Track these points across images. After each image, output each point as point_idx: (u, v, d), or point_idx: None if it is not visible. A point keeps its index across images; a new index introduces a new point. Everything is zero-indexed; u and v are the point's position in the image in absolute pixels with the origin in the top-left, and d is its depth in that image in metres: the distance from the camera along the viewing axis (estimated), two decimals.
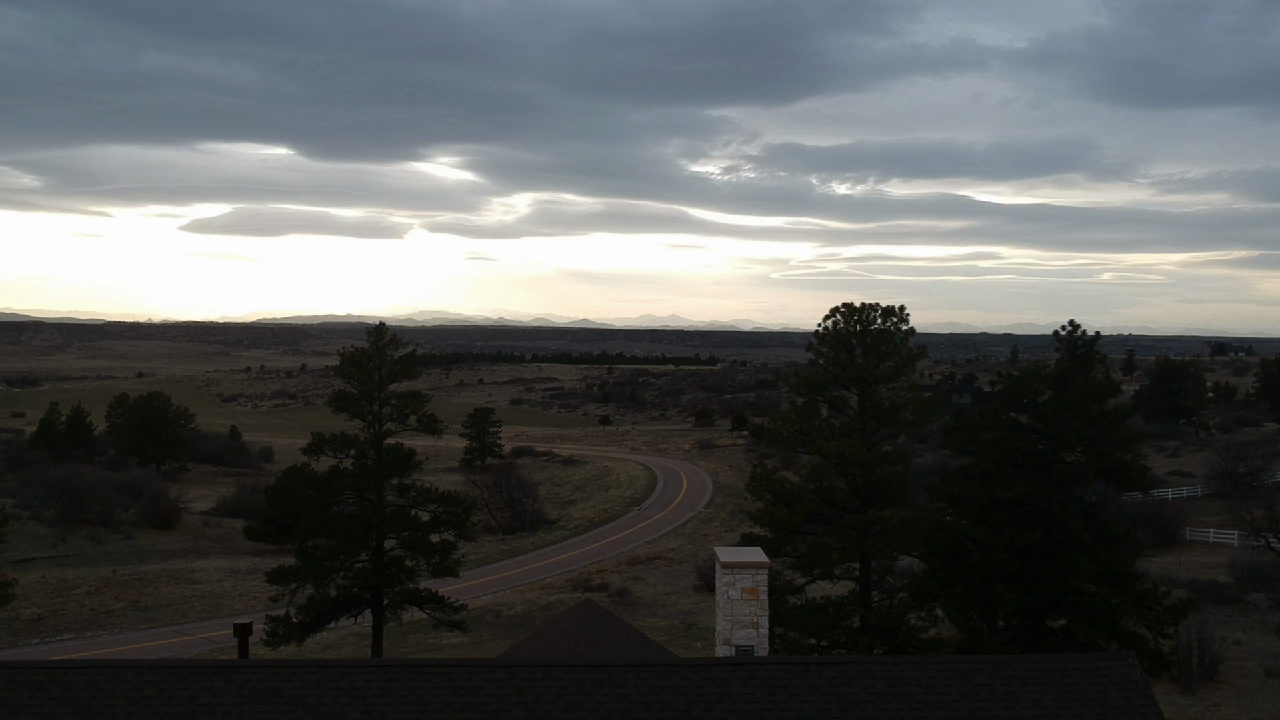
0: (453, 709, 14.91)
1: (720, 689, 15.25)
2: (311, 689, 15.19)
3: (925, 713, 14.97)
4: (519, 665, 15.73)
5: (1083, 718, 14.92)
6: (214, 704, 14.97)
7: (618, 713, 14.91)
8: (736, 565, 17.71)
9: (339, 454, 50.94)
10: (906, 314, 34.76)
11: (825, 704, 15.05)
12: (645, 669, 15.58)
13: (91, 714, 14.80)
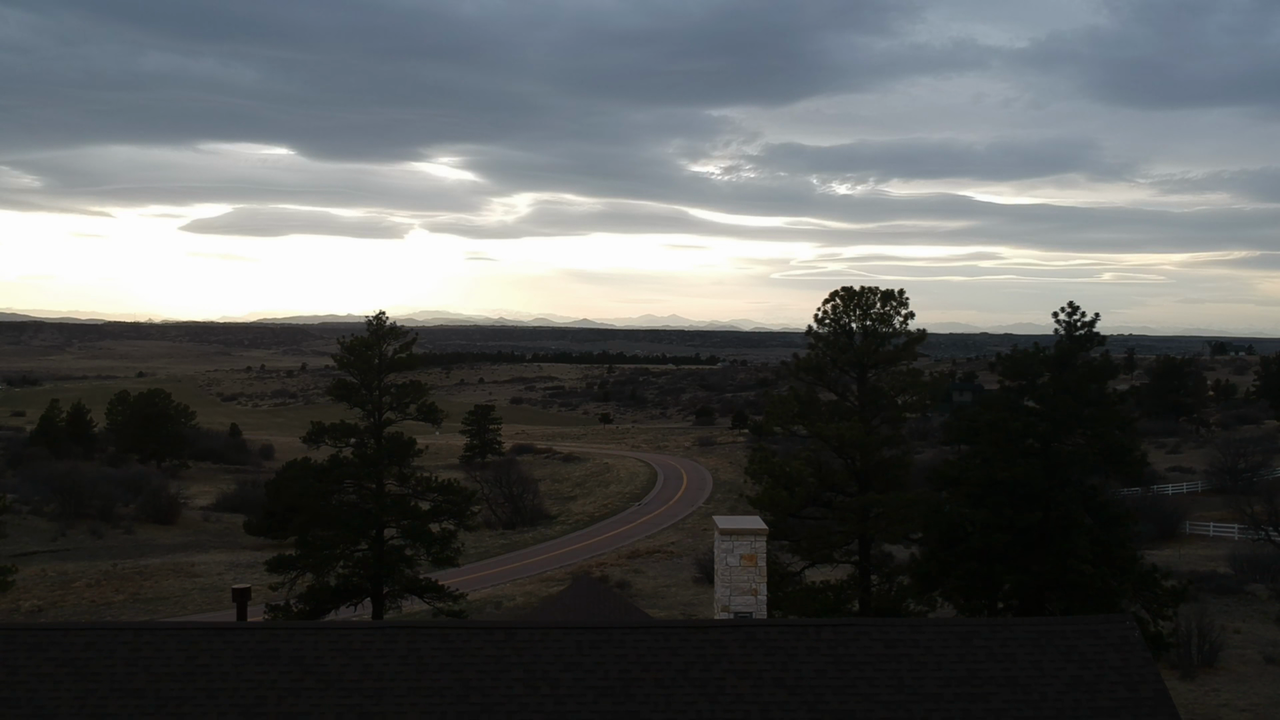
0: (451, 669, 14.93)
1: (718, 650, 15.27)
2: (310, 650, 15.21)
3: (923, 673, 14.98)
4: (517, 627, 15.75)
5: (1080, 679, 14.93)
6: (212, 664, 14.99)
7: (616, 673, 14.92)
8: (735, 532, 17.74)
9: (339, 442, 50.92)
10: (906, 298, 34.77)
11: (823, 665, 15.06)
12: (643, 630, 15.60)
13: (90, 674, 14.82)
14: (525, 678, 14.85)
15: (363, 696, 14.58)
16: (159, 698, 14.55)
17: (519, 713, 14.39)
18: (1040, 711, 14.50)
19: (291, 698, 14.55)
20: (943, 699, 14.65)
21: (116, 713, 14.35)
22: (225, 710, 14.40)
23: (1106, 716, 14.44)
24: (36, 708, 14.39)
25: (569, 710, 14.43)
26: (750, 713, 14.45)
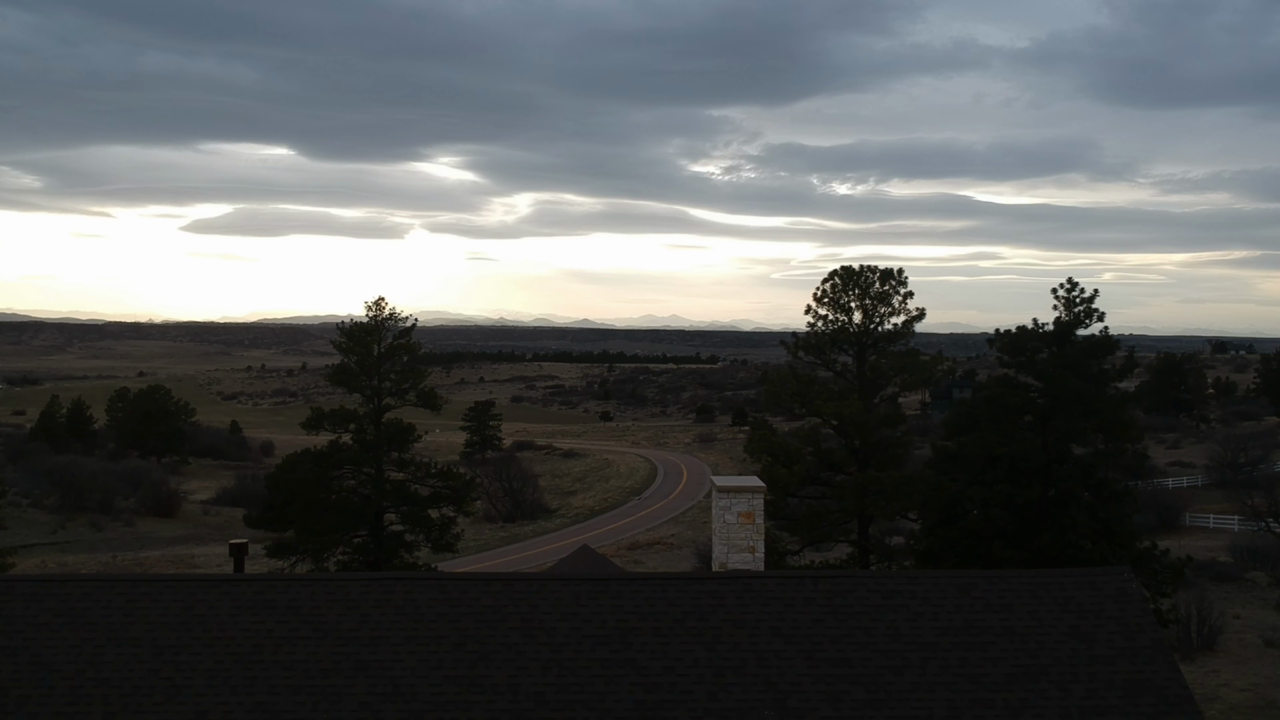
0: (448, 619, 14.92)
1: (716, 600, 15.26)
2: (307, 600, 15.21)
3: (920, 623, 14.97)
4: (515, 578, 15.75)
5: (1078, 629, 14.92)
6: (209, 615, 14.99)
7: (613, 622, 14.92)
8: (732, 489, 17.72)
9: (338, 428, 50.89)
10: (905, 278, 34.75)
11: (820, 614, 15.05)
12: (641, 582, 15.60)
13: (87, 624, 14.81)
14: (522, 627, 14.84)
15: (359, 645, 14.58)
16: (156, 646, 14.55)
17: (516, 660, 14.38)
18: (1038, 660, 14.49)
19: (288, 646, 14.55)
20: (940, 647, 14.64)
21: (113, 660, 14.34)
22: (222, 658, 14.39)
23: (1104, 665, 14.43)
24: (33, 655, 14.39)
25: (566, 658, 14.42)
26: (747, 661, 14.45)
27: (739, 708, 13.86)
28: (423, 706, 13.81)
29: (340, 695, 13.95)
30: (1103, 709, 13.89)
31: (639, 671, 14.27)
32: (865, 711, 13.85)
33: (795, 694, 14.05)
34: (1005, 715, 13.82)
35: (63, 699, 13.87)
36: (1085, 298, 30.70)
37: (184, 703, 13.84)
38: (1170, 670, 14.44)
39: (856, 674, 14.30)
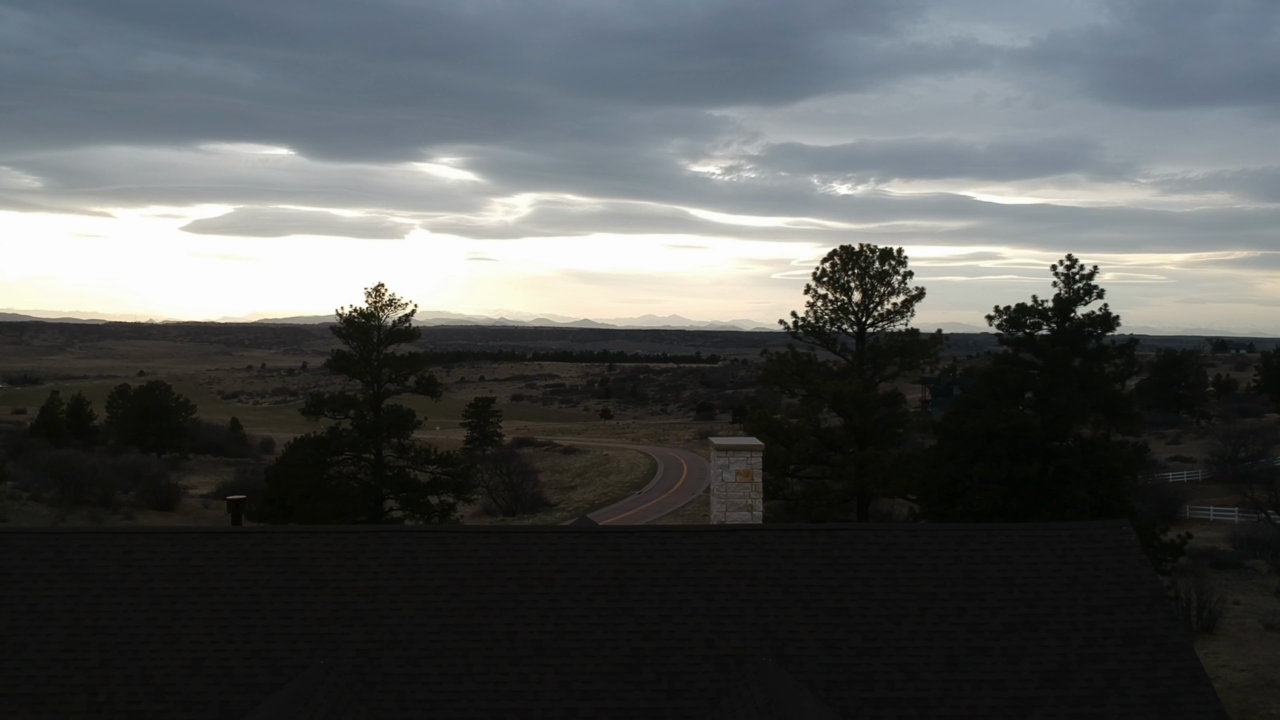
0: (446, 570, 14.91)
1: (714, 552, 15.24)
2: (304, 551, 15.19)
3: (918, 574, 14.96)
4: (512, 531, 15.73)
5: (1076, 579, 14.90)
6: (206, 566, 14.97)
7: (611, 573, 14.90)
8: (730, 448, 17.70)
9: (338, 415, 50.88)
10: (904, 257, 34.71)
11: (818, 565, 15.04)
12: (639, 534, 15.58)
13: (84, 575, 14.80)
14: (520, 578, 14.83)
15: (357, 595, 14.56)
16: (153, 596, 14.54)
17: (514, 609, 14.37)
18: (1036, 610, 14.47)
19: (285, 596, 14.54)
20: (938, 598, 14.63)
21: (110, 610, 14.33)
22: (219, 607, 14.38)
23: (1102, 614, 14.41)
24: (30, 605, 14.38)
25: (564, 607, 14.41)
26: (745, 610, 14.43)
27: (737, 655, 13.84)
28: (420, 654, 13.80)
29: (338, 643, 13.93)
30: (1101, 656, 13.87)
31: (636, 620, 14.26)
32: (863, 659, 13.83)
33: (793, 642, 14.04)
34: (1003, 663, 13.80)
35: (59, 647, 13.86)
36: (1085, 274, 30.65)
37: (181, 650, 13.82)
38: (1169, 619, 14.42)
39: (854, 623, 14.29)
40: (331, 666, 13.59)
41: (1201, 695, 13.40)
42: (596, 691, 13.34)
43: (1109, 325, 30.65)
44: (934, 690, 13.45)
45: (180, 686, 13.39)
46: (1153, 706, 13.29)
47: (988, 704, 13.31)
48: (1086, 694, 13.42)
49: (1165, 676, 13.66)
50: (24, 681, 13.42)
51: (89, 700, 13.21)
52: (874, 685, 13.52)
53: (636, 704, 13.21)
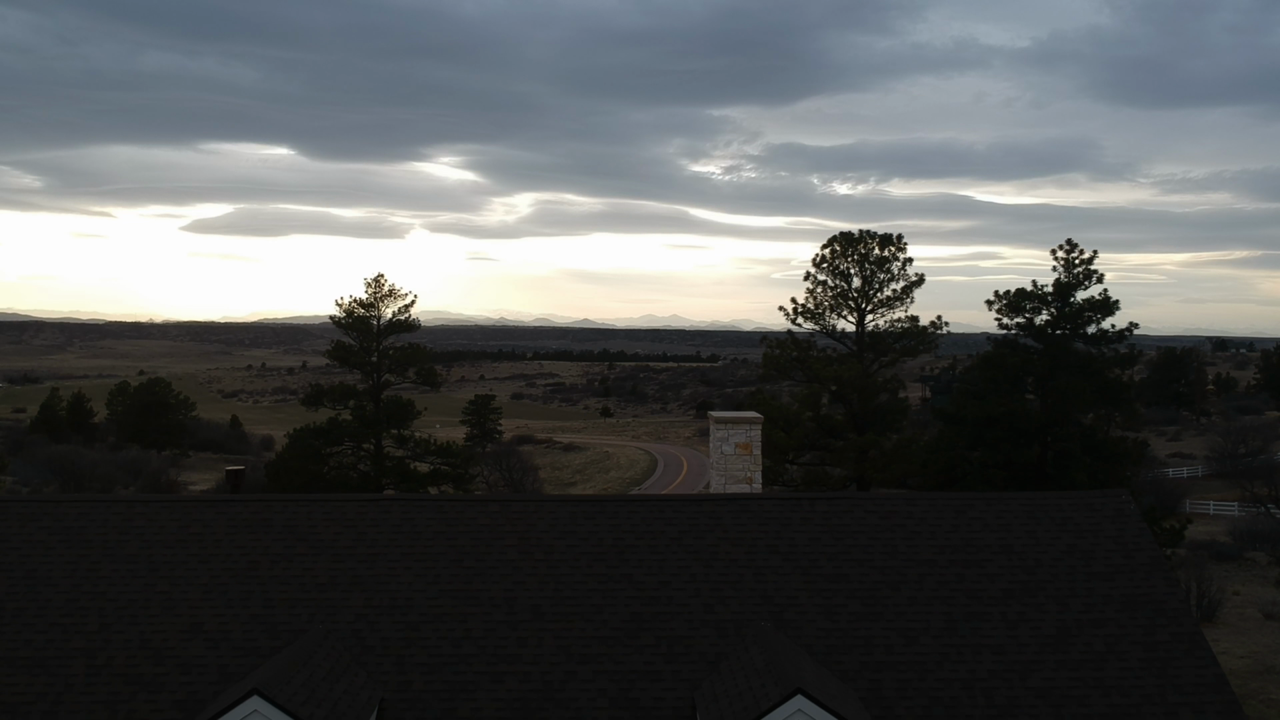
0: (445, 537, 14.90)
1: (713, 520, 15.24)
2: (304, 519, 15.19)
3: (917, 542, 14.95)
4: (512, 500, 15.72)
5: (1076, 547, 14.89)
6: (205, 533, 14.97)
7: (610, 540, 14.90)
8: (730, 420, 17.70)
9: (338, 405, 50.81)
10: (904, 243, 34.70)
11: (817, 533, 15.03)
12: (638, 503, 15.58)
13: (82, 542, 14.80)
14: (519, 545, 14.82)
15: (356, 561, 14.56)
16: (151, 562, 14.53)
17: (512, 575, 14.37)
18: (1035, 576, 14.47)
19: (284, 562, 14.53)
20: (937, 564, 14.62)
21: (109, 576, 14.33)
22: (218, 573, 14.37)
23: (1102, 580, 14.41)
24: (29, 571, 14.37)
25: (562, 574, 14.40)
26: (744, 576, 14.43)
27: (735, 620, 13.84)
28: (419, 619, 13.79)
29: (336, 608, 13.93)
30: (1100, 621, 13.87)
31: (635, 586, 14.25)
32: (862, 624, 13.82)
33: (792, 607, 14.04)
34: (1003, 628, 13.80)
35: (58, 611, 13.86)
36: (1084, 259, 30.62)
37: (179, 614, 13.82)
38: (1168, 585, 14.42)
39: (853, 589, 14.28)
40: (330, 631, 13.59)
41: (1200, 660, 13.40)
42: (595, 655, 13.34)
43: (1109, 310, 30.61)
44: (933, 654, 13.44)
45: (179, 650, 13.39)
46: (1152, 670, 13.29)
47: (987, 668, 13.31)
48: (1086, 658, 13.41)
49: (1164, 641, 13.66)
50: (23, 645, 13.42)
51: (87, 663, 13.20)
52: (873, 649, 13.52)
53: (635, 667, 13.20)
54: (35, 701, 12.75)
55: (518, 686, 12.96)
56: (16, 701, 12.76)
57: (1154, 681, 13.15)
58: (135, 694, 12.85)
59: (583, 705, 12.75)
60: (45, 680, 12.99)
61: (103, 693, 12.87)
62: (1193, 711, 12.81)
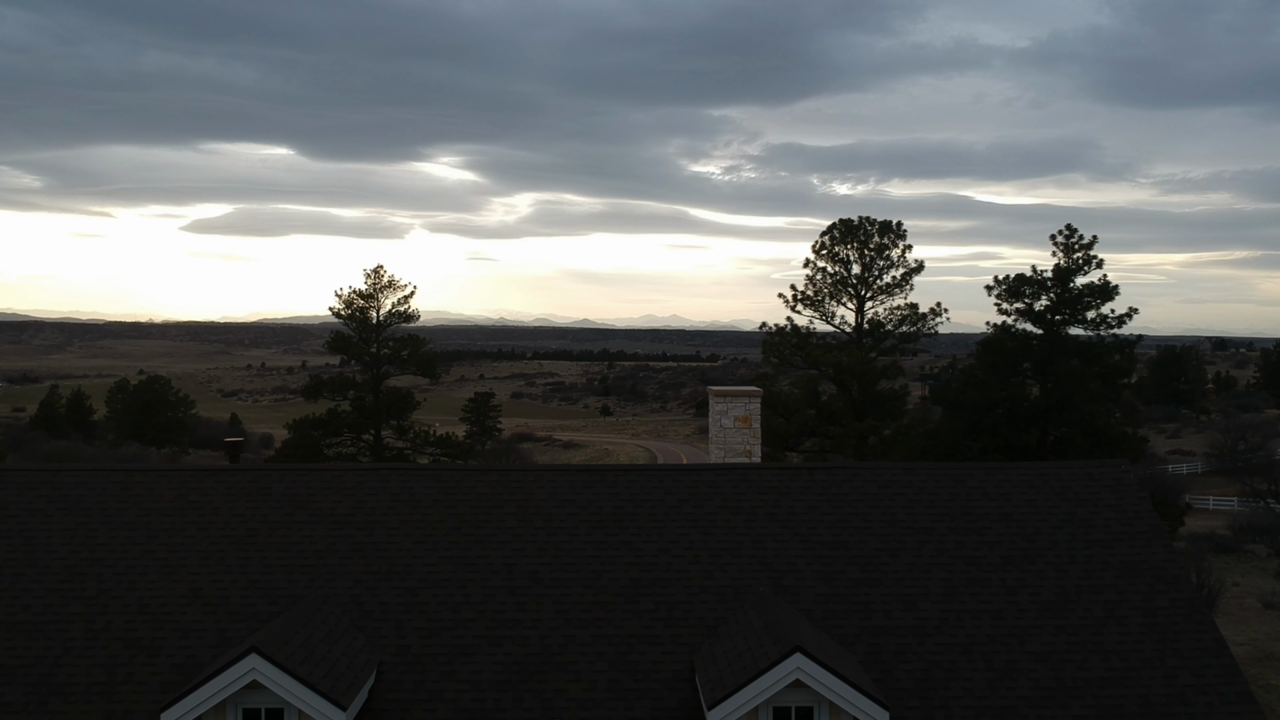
0: (444, 505, 14.89)
1: (712, 489, 15.23)
2: (303, 488, 15.18)
3: (916, 510, 14.94)
4: (510, 469, 15.71)
5: (1075, 515, 14.88)
6: (204, 501, 14.96)
7: (609, 509, 14.89)
8: (728, 393, 17.69)
9: (337, 396, 50.81)
10: (904, 230, 34.68)
11: (816, 502, 15.02)
12: (637, 472, 15.56)
13: (81, 510, 14.79)
14: (518, 512, 14.81)
15: (355, 529, 14.55)
16: (150, 530, 14.52)
17: (511, 543, 14.36)
18: (1034, 544, 14.46)
19: (283, 530, 14.52)
20: (936, 532, 14.61)
21: (107, 543, 14.31)
22: (216, 540, 14.36)
23: (1101, 548, 14.40)
24: (27, 539, 14.36)
25: (561, 541, 14.39)
26: (743, 543, 14.42)
27: (734, 585, 13.83)
28: (418, 584, 13.78)
29: (335, 574, 13.92)
30: (1100, 588, 13.86)
31: (634, 553, 14.25)
32: (861, 590, 13.81)
33: (791, 573, 14.03)
34: (1002, 594, 13.79)
35: (56, 577, 13.85)
36: (1084, 244, 30.57)
37: (178, 580, 13.81)
38: (1167, 553, 14.41)
39: (852, 555, 14.28)
40: (329, 596, 13.58)
41: (1200, 625, 13.39)
42: (594, 619, 13.33)
43: (1108, 295, 30.58)
44: (932, 619, 13.43)
45: (177, 615, 13.38)
46: (1151, 635, 13.28)
47: (986, 632, 13.30)
48: (1085, 623, 13.40)
49: (1164, 607, 13.65)
50: (21, 610, 13.41)
51: (86, 628, 13.19)
52: (872, 614, 13.51)
53: (634, 631, 13.19)
54: (34, 664, 12.74)
55: (516, 650, 12.96)
56: (15, 664, 12.75)
57: (1153, 646, 13.14)
58: (133, 657, 12.84)
59: (581, 668, 12.74)
60: (43, 644, 12.99)
61: (101, 656, 12.86)
62: (1192, 675, 12.80)
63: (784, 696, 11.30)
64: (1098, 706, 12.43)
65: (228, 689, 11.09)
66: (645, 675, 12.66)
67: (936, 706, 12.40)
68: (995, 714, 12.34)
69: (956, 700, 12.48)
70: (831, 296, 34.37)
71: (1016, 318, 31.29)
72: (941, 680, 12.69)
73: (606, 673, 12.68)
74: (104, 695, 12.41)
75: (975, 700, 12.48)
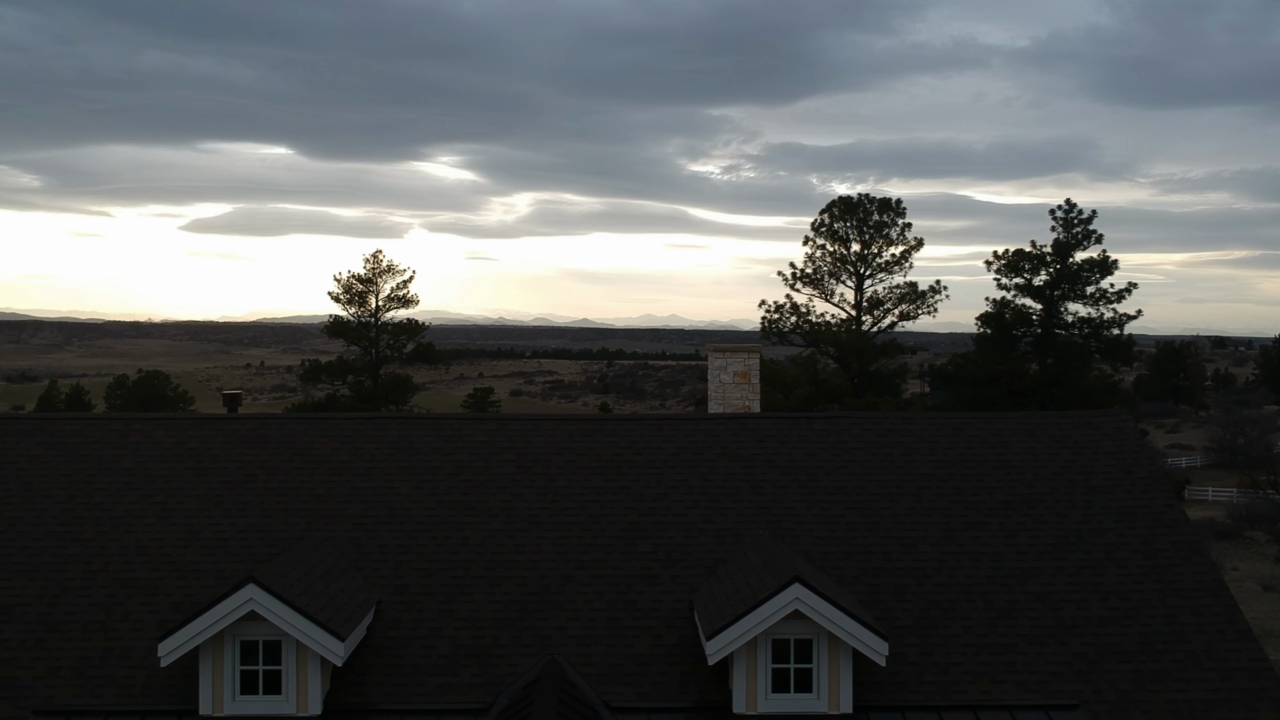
0: (443, 453, 14.87)
1: (711, 437, 15.22)
2: (301, 436, 15.15)
3: (915, 457, 14.93)
4: (510, 418, 15.69)
5: (1074, 463, 14.87)
6: (202, 448, 14.94)
7: (608, 456, 14.87)
8: (727, 349, 17.66)
9: (336, 381, 50.75)
10: (903, 208, 34.66)
11: (815, 449, 15.00)
12: (636, 421, 15.55)
13: (78, 456, 14.77)
14: (517, 460, 14.80)
15: (353, 475, 14.53)
16: (148, 475, 14.50)
17: (510, 488, 14.34)
18: (1034, 489, 14.44)
19: (281, 475, 14.50)
20: (935, 478, 14.60)
21: (105, 488, 14.29)
22: (214, 486, 14.34)
23: (1100, 494, 14.38)
24: (25, 484, 14.34)
25: (560, 486, 14.37)
26: (742, 489, 14.40)
27: (733, 529, 13.81)
28: (416, 527, 13.76)
29: (334, 518, 13.90)
30: (1099, 531, 13.84)
31: (633, 498, 14.23)
32: (860, 533, 13.80)
33: (790, 517, 14.01)
34: (1001, 537, 13.77)
35: (54, 521, 13.83)
36: (1084, 219, 30.52)
37: (175, 524, 13.79)
38: (1167, 497, 14.39)
39: (851, 501, 14.26)
40: (328, 538, 13.56)
41: (1200, 566, 13.37)
42: (593, 561, 13.31)
43: (1108, 270, 30.54)
44: (931, 561, 13.42)
45: (175, 557, 13.36)
46: (1151, 575, 13.26)
47: (985, 574, 13.28)
48: (1085, 565, 13.39)
49: (1163, 549, 13.63)
50: (18, 552, 13.39)
51: (83, 568, 13.18)
52: (871, 556, 13.50)
53: (633, 571, 13.18)
54: (31, 603, 12.73)
55: (515, 590, 12.94)
56: (13, 603, 12.73)
57: (1153, 586, 13.12)
58: (131, 596, 12.83)
59: (580, 606, 12.72)
60: (41, 584, 12.97)
61: (99, 595, 12.84)
62: (1192, 614, 12.78)
63: (783, 628, 11.28)
64: (1097, 644, 12.41)
65: (225, 619, 11.07)
66: (644, 614, 12.65)
67: (936, 644, 12.39)
68: (995, 651, 12.33)
69: (956, 638, 12.47)
70: (831, 274, 34.37)
71: (1015, 293, 31.24)
72: (941, 619, 12.68)
73: (605, 611, 12.66)
74: (101, 632, 12.39)
75: (974, 638, 12.46)
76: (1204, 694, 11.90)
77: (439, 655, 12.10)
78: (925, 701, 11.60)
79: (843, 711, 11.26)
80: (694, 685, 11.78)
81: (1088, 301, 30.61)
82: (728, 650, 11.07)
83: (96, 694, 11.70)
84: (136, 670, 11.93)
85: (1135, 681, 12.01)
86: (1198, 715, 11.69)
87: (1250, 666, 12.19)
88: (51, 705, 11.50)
